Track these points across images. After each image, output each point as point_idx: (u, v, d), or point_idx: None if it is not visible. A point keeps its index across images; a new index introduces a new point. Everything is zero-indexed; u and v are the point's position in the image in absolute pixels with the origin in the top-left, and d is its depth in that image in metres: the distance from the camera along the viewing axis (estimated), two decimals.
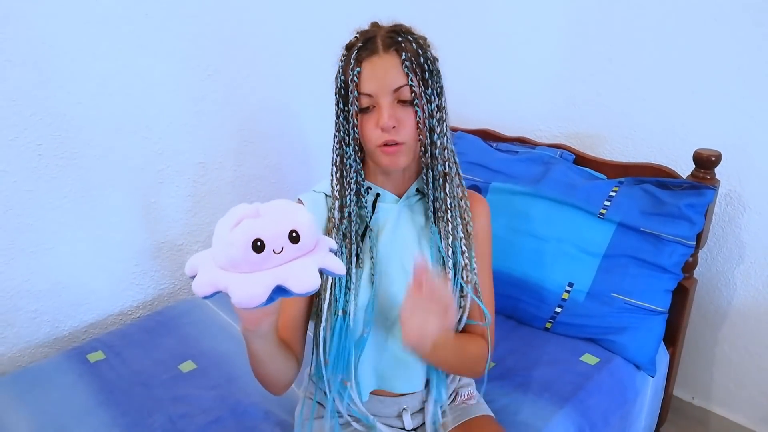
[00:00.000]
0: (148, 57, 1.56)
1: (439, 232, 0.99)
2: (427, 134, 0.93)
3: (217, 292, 0.66)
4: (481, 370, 1.05)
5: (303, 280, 0.67)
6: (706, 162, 1.43)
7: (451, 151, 0.99)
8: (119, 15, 1.48)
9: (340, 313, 0.96)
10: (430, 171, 0.96)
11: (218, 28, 1.69)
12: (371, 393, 1.05)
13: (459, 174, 1.01)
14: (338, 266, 0.72)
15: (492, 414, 1.14)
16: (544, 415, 1.22)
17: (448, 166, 0.97)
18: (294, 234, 0.68)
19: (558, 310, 1.48)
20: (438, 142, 0.94)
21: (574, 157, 1.69)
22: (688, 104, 1.55)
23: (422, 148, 0.94)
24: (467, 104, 1.98)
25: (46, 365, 1.41)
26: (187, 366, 1.41)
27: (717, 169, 1.45)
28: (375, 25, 0.95)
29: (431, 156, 0.95)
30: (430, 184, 0.97)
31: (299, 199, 1.02)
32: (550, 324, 1.50)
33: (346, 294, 0.96)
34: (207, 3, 1.64)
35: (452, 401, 1.14)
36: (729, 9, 1.42)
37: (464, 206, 1.02)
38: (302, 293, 0.66)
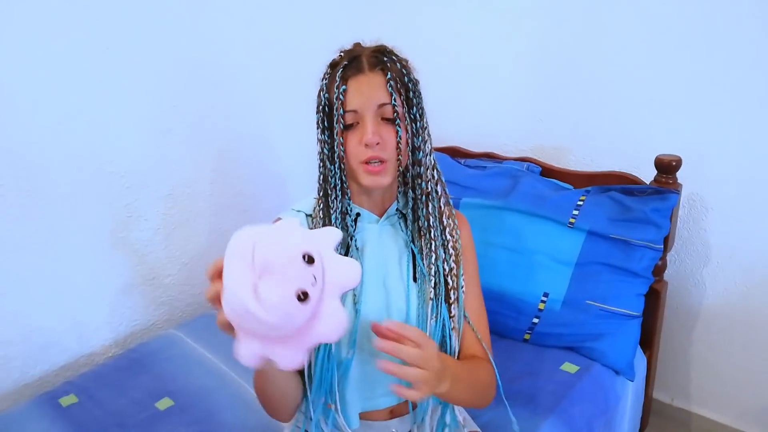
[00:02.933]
0: (111, 90, 1.55)
1: (421, 251, 0.99)
2: (410, 154, 0.94)
3: None
4: (493, 395, 1.03)
5: (337, 327, 0.66)
6: (667, 167, 1.47)
7: (438, 171, 1.00)
8: (79, 50, 1.46)
9: None
10: (411, 191, 0.97)
11: (182, 59, 1.68)
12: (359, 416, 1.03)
13: (446, 193, 1.02)
14: (352, 280, 0.69)
15: (479, 430, 1.14)
16: (529, 427, 1.22)
17: (431, 185, 0.97)
18: (306, 257, 0.63)
19: (535, 320, 1.49)
20: (422, 161, 0.95)
21: (541, 169, 1.72)
22: (647, 112, 1.60)
23: (404, 167, 0.95)
24: (434, 123, 1.99)
25: (16, 413, 1.35)
26: (165, 403, 1.37)
27: (678, 174, 1.49)
28: (358, 45, 0.97)
29: (415, 175, 0.95)
30: (410, 204, 0.97)
31: (279, 218, 1.01)
32: (529, 335, 1.51)
33: None
34: (169, 34, 1.64)
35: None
36: (682, 20, 1.48)
37: (452, 224, 1.02)
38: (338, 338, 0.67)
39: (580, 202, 1.53)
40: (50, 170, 1.47)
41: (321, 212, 0.97)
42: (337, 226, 0.96)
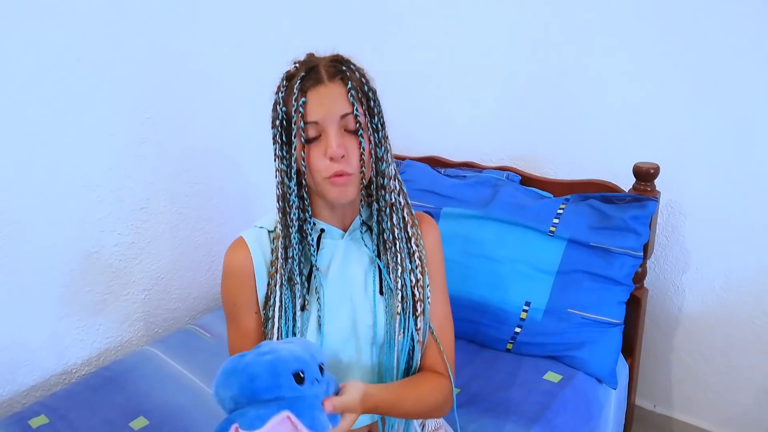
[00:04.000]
0: (83, 102, 1.51)
1: (387, 266, 0.97)
2: (373, 165, 0.91)
3: None
4: (448, 409, 1.02)
5: None
6: (645, 174, 1.47)
7: (399, 180, 0.97)
8: (48, 62, 1.43)
9: None
10: (375, 203, 0.94)
11: (155, 70, 1.65)
12: None
13: (408, 203, 0.99)
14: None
15: None
16: None
17: (394, 196, 0.95)
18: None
19: (517, 330, 1.48)
20: (386, 172, 0.92)
21: (520, 178, 1.72)
22: (625, 120, 1.61)
23: (368, 179, 0.92)
24: (412, 133, 1.99)
25: None
26: (139, 423, 1.33)
27: (656, 181, 1.50)
28: (312, 55, 0.93)
29: (378, 186, 0.93)
30: (375, 217, 0.95)
31: (241, 236, 0.98)
32: (511, 345, 1.49)
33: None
34: (141, 46, 1.61)
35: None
36: (659, 28, 1.50)
37: (417, 234, 1.00)
38: None
39: (560, 211, 1.53)
40: (18, 184, 1.42)
41: (281, 231, 0.93)
42: (295, 247, 0.92)
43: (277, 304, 0.93)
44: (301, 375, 0.69)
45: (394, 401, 0.90)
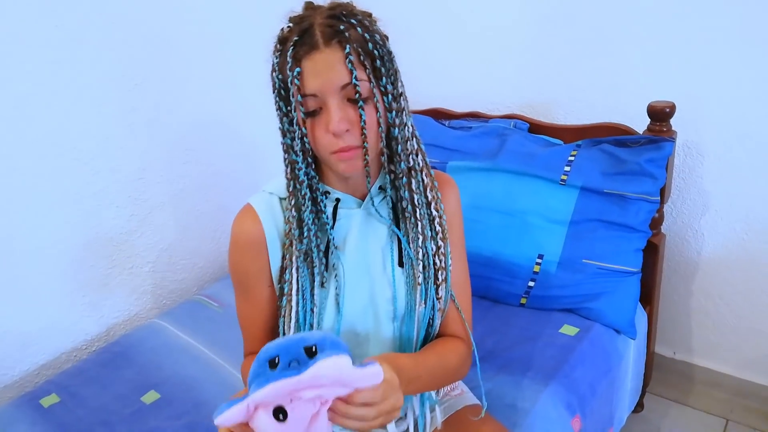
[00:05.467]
0: (66, 71, 1.44)
1: (406, 235, 0.90)
2: (383, 134, 0.83)
3: None
4: (466, 371, 0.98)
5: None
6: (660, 114, 1.40)
7: (417, 139, 0.89)
8: (26, 31, 1.35)
9: None
10: (392, 171, 0.87)
11: (141, 34, 1.57)
12: None
13: (427, 164, 0.91)
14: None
15: (479, 402, 1.09)
16: (530, 395, 1.18)
17: (412, 159, 0.87)
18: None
19: (531, 284, 1.44)
20: (399, 137, 0.84)
21: (529, 125, 1.65)
22: (637, 58, 1.52)
23: (378, 148, 0.84)
24: (413, 84, 1.90)
25: None
26: (151, 397, 1.32)
27: (672, 121, 1.42)
28: (309, 6, 0.82)
29: (393, 153, 0.85)
30: (389, 185, 0.88)
31: (249, 203, 0.92)
32: (525, 299, 1.45)
33: (309, 317, 0.88)
34: (124, 8, 1.53)
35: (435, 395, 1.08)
36: None
37: (436, 197, 0.92)
38: None
39: (572, 158, 1.46)
40: (8, 163, 1.37)
41: (292, 207, 0.87)
42: (310, 224, 0.86)
43: (294, 286, 0.88)
44: (276, 361, 0.68)
45: (419, 371, 0.85)
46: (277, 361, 0.68)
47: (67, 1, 1.41)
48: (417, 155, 0.88)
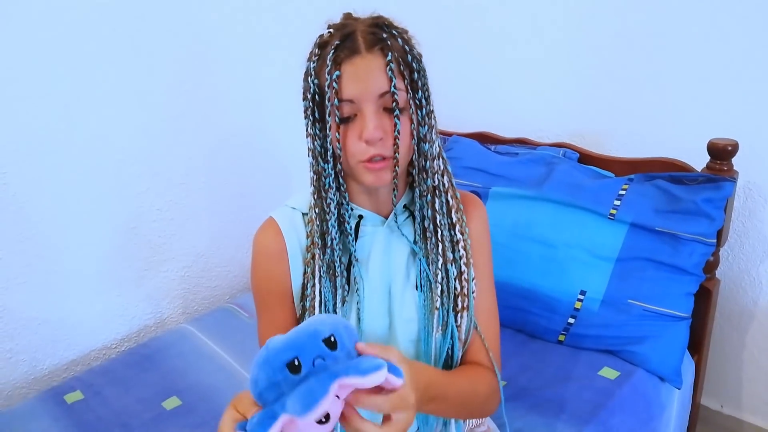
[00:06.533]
0: (117, 74, 1.47)
1: (427, 256, 0.87)
2: (415, 146, 0.81)
3: None
4: (495, 407, 0.93)
5: None
6: (722, 152, 1.32)
7: (444, 160, 0.87)
8: (84, 35, 1.39)
9: None
10: (417, 188, 0.84)
11: (191, 42, 1.60)
12: None
13: (452, 185, 0.89)
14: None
15: None
16: None
17: (437, 178, 0.85)
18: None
19: (571, 321, 1.37)
20: (428, 153, 0.82)
21: (579, 155, 1.59)
22: (698, 92, 1.45)
23: (408, 162, 0.82)
24: (460, 106, 1.88)
25: (19, 410, 1.30)
26: (172, 403, 1.30)
27: (734, 160, 1.34)
28: (350, 17, 0.82)
29: (420, 169, 0.83)
30: (417, 203, 0.85)
31: (271, 217, 0.90)
32: (564, 336, 1.38)
33: None
34: (178, 17, 1.55)
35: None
36: None
37: (461, 219, 0.89)
38: None
39: (622, 192, 1.39)
40: (55, 159, 1.41)
41: (316, 216, 0.85)
42: (334, 236, 0.83)
43: (317, 298, 0.85)
44: (296, 363, 0.62)
45: (447, 390, 0.80)
46: (297, 363, 0.62)
47: (125, 6, 1.45)
48: (443, 176, 0.86)
